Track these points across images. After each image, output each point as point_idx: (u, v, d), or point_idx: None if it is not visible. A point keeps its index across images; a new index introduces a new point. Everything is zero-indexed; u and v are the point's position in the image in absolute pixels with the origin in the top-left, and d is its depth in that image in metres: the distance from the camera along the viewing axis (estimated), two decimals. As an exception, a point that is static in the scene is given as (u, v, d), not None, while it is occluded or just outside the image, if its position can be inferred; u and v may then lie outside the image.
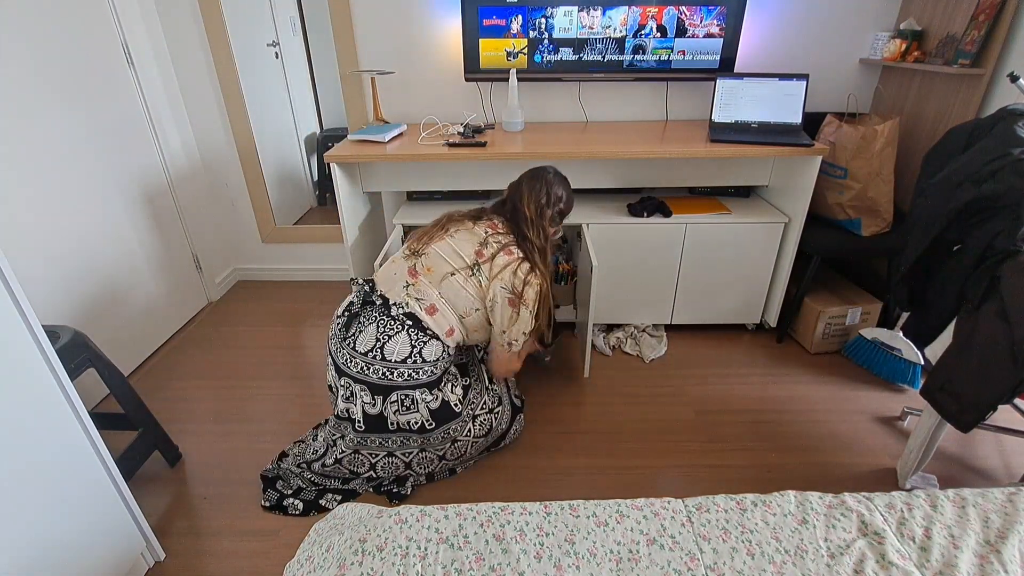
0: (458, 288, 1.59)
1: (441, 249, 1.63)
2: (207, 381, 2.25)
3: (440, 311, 1.58)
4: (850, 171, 2.06)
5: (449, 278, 1.59)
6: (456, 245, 1.63)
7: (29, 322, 1.13)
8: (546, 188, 1.71)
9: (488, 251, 1.61)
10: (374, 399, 1.55)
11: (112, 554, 1.36)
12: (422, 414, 1.56)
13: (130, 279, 2.29)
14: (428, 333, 1.56)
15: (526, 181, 1.74)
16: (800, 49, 2.41)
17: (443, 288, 1.59)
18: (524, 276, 1.60)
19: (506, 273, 1.59)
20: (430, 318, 1.57)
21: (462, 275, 1.59)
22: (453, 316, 1.61)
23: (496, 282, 1.59)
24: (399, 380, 1.53)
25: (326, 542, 1.09)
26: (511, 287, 1.59)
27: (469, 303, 1.61)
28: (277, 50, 3.25)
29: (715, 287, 2.35)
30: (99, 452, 1.31)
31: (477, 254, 1.61)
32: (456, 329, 1.62)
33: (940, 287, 1.52)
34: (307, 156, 3.62)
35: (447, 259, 1.61)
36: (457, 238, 1.64)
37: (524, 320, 1.63)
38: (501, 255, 1.61)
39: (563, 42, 2.29)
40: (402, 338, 1.54)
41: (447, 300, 1.59)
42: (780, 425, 1.95)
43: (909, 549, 1.05)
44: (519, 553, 1.03)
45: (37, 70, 1.87)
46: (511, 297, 1.59)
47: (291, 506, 1.64)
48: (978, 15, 1.91)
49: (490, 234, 1.65)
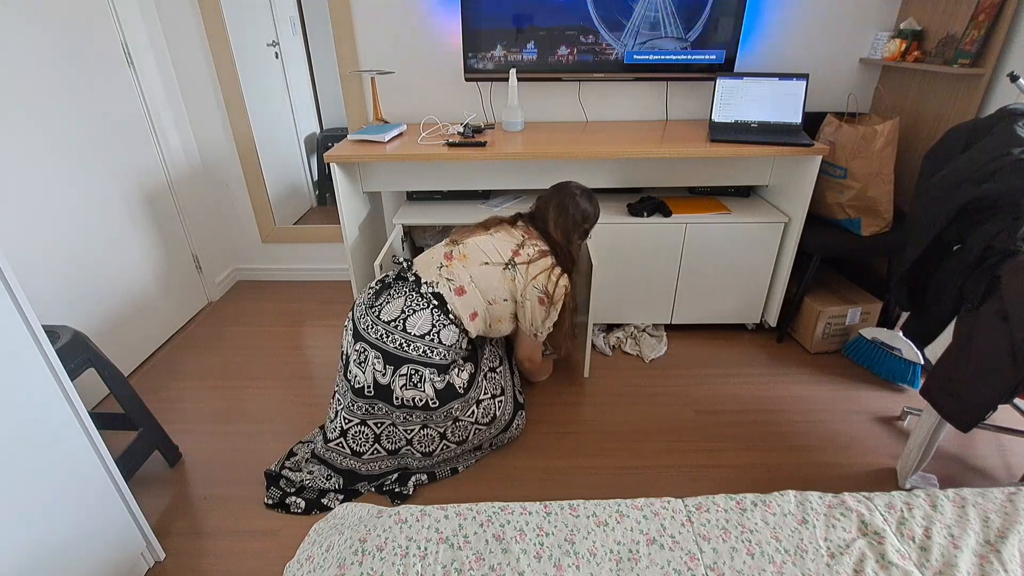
0: (491, 277, 1.70)
1: (480, 243, 1.75)
2: (207, 381, 2.25)
3: (469, 293, 1.67)
4: (850, 171, 2.06)
5: (483, 266, 1.70)
6: (495, 242, 1.75)
7: (29, 322, 1.13)
8: (571, 211, 1.80)
9: (525, 253, 1.74)
10: (385, 368, 1.59)
11: (112, 554, 1.36)
12: (427, 392, 1.60)
13: (130, 279, 2.29)
14: (450, 318, 1.64)
15: (553, 206, 1.81)
16: (800, 49, 2.41)
17: (476, 273, 1.70)
18: (556, 279, 1.75)
19: (542, 277, 1.73)
20: (457, 299, 1.66)
21: (497, 268, 1.71)
22: (481, 301, 1.70)
23: (530, 282, 1.72)
24: (414, 354, 1.59)
25: (326, 542, 1.09)
26: (543, 287, 1.73)
27: (499, 292, 1.71)
28: (277, 50, 3.25)
29: (715, 287, 2.35)
30: (99, 452, 1.31)
31: (514, 253, 1.74)
32: (480, 314, 1.70)
33: (940, 287, 1.52)
34: (307, 156, 3.62)
35: (484, 251, 1.73)
36: (496, 237, 1.77)
37: (551, 316, 1.79)
38: (540, 260, 1.74)
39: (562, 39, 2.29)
40: (425, 315, 1.62)
41: (478, 284, 1.69)
42: (780, 425, 1.95)
43: (909, 549, 1.05)
44: (519, 553, 1.03)
45: (37, 70, 1.87)
46: (542, 296, 1.73)
47: (293, 504, 1.65)
48: (978, 15, 1.91)
49: (527, 239, 1.77)
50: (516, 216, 1.88)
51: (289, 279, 3.05)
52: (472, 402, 1.69)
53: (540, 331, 1.81)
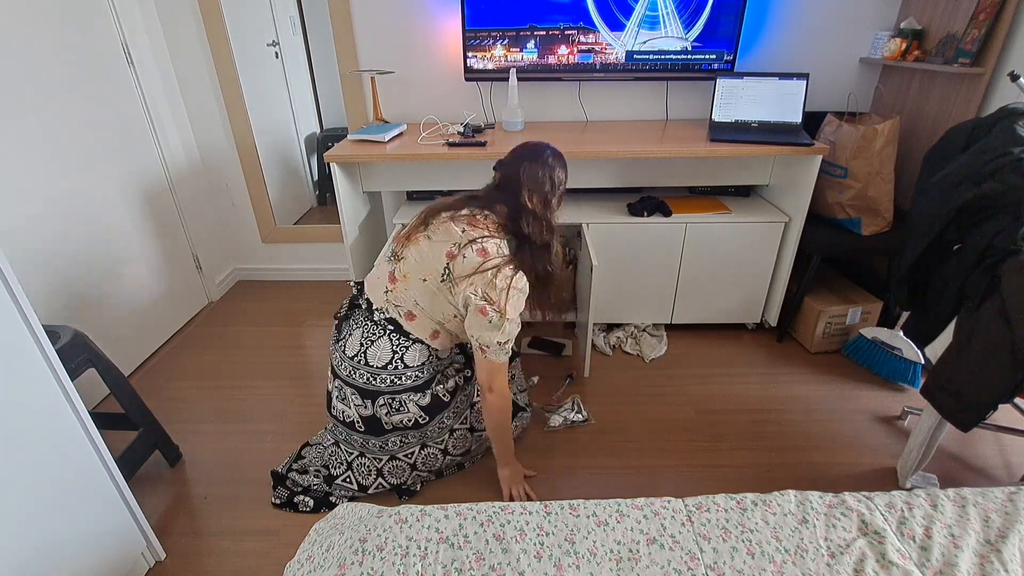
0: (432, 294, 1.47)
1: (417, 253, 1.49)
2: (207, 381, 2.25)
3: (418, 317, 1.52)
4: (850, 170, 2.06)
5: (422, 284, 1.47)
6: (431, 249, 1.47)
7: (29, 322, 1.13)
8: (548, 173, 1.50)
9: (461, 255, 1.43)
10: (364, 401, 1.54)
11: (112, 554, 1.36)
12: (412, 412, 1.55)
13: (130, 279, 2.29)
14: (411, 338, 1.52)
15: (525, 167, 1.49)
16: (800, 48, 2.41)
17: (417, 293, 1.49)
18: (506, 283, 1.40)
19: (478, 279, 1.40)
20: (410, 323, 1.52)
21: (434, 282, 1.46)
22: (432, 321, 1.52)
23: (466, 286, 1.41)
24: (382, 386, 1.52)
25: (326, 542, 1.09)
26: (483, 294, 1.40)
27: (446, 309, 1.48)
28: (277, 50, 3.25)
29: (715, 286, 2.35)
30: (99, 452, 1.31)
31: (448, 256, 1.44)
32: (440, 332, 1.55)
33: (940, 286, 1.52)
34: (307, 156, 3.62)
35: (422, 265, 1.48)
36: (435, 239, 1.48)
37: (504, 329, 1.42)
38: (471, 254, 1.42)
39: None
40: (383, 344, 1.51)
41: (423, 306, 1.50)
42: (780, 425, 1.95)
43: (909, 548, 1.05)
44: (519, 553, 1.03)
45: (37, 70, 1.87)
46: (482, 305, 1.40)
47: (302, 503, 1.65)
48: (978, 14, 1.91)
49: (466, 231, 1.46)
50: (465, 199, 1.55)
51: (289, 279, 3.05)
52: (464, 407, 1.64)
53: (486, 345, 1.44)
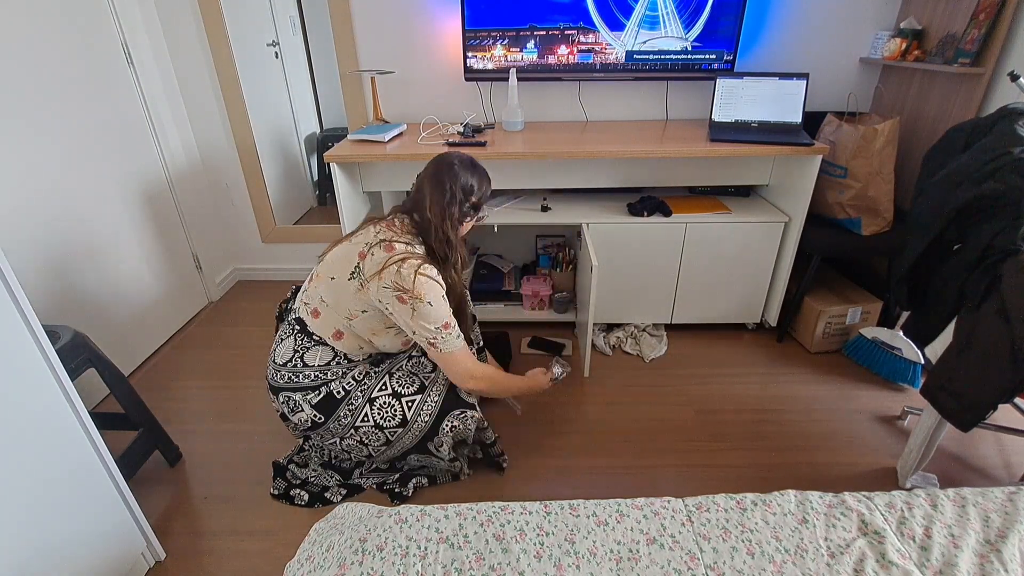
0: (340, 289, 1.49)
1: (335, 254, 1.55)
2: (207, 381, 2.25)
3: (323, 314, 1.54)
4: (850, 170, 2.06)
5: (330, 281, 1.52)
6: (347, 250, 1.52)
7: (29, 322, 1.13)
8: (450, 183, 1.51)
9: (371, 252, 1.47)
10: (273, 396, 1.61)
11: (112, 554, 1.36)
12: (307, 413, 1.56)
13: (130, 279, 2.29)
14: (314, 339, 1.56)
15: (428, 178, 1.54)
16: (800, 48, 2.41)
17: (325, 291, 1.52)
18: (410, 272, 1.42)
19: (386, 273, 1.43)
20: (315, 320, 1.55)
21: (342, 278, 1.49)
22: (338, 317, 1.52)
23: (376, 283, 1.44)
24: (281, 382, 1.56)
25: (326, 542, 1.09)
26: (393, 284, 1.43)
27: (352, 305, 1.50)
28: (277, 50, 3.25)
29: (715, 286, 2.35)
30: (99, 452, 1.31)
31: (360, 256, 1.48)
32: (345, 332, 1.54)
33: (940, 286, 1.52)
34: (307, 156, 3.62)
35: (335, 264, 1.53)
36: (353, 242, 1.53)
37: (426, 313, 1.45)
38: (379, 251, 1.46)
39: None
40: (288, 343, 1.58)
41: (329, 303, 1.52)
42: (780, 425, 1.95)
43: (909, 548, 1.05)
44: (519, 553, 1.03)
45: (37, 70, 1.87)
46: (399, 295, 1.43)
47: (297, 496, 1.67)
48: (978, 14, 1.91)
49: (384, 233, 1.50)
50: (393, 209, 1.64)
51: (289, 279, 3.05)
52: (362, 401, 1.56)
53: (432, 339, 1.49)
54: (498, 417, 1.96)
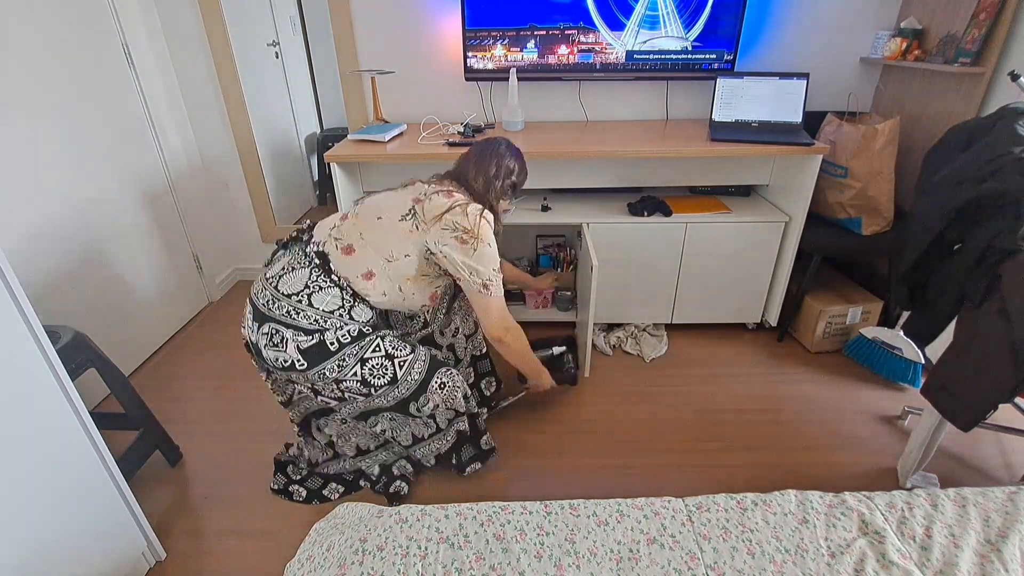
0: (387, 229, 1.48)
1: (380, 199, 1.55)
2: (207, 381, 2.25)
3: (358, 252, 1.47)
4: (850, 170, 2.05)
5: (376, 221, 1.49)
6: (396, 196, 1.54)
7: (30, 322, 1.13)
8: (496, 160, 1.60)
9: (428, 198, 1.49)
10: (253, 324, 1.46)
11: (113, 553, 1.36)
12: (290, 354, 1.42)
13: (130, 279, 2.30)
14: (332, 279, 1.46)
15: (475, 156, 1.62)
16: (801, 48, 2.40)
17: (366, 228, 1.49)
18: (475, 213, 1.47)
19: (448, 216, 1.45)
20: (345, 258, 1.47)
21: (391, 219, 1.48)
22: (376, 257, 1.47)
23: (437, 224, 1.45)
24: (276, 313, 1.42)
25: (326, 542, 1.09)
26: (455, 224, 1.45)
27: (396, 247, 1.47)
28: (277, 50, 3.25)
29: (715, 286, 2.35)
30: (100, 452, 1.32)
31: (415, 200, 1.49)
32: (378, 274, 1.48)
33: (940, 286, 1.52)
34: (307, 156, 3.62)
35: (381, 207, 1.52)
36: (400, 192, 1.56)
37: (486, 255, 1.48)
38: (439, 197, 1.48)
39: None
40: (301, 274, 1.45)
41: (369, 240, 1.48)
42: (780, 424, 1.95)
43: (910, 548, 1.05)
44: (519, 552, 1.03)
45: (37, 70, 1.87)
46: (461, 235, 1.45)
47: (295, 492, 1.68)
48: (979, 14, 1.91)
49: (437, 188, 1.54)
50: (434, 175, 1.65)
51: (289, 279, 3.05)
52: (352, 360, 1.46)
53: (488, 280, 1.51)
54: (498, 416, 1.96)
